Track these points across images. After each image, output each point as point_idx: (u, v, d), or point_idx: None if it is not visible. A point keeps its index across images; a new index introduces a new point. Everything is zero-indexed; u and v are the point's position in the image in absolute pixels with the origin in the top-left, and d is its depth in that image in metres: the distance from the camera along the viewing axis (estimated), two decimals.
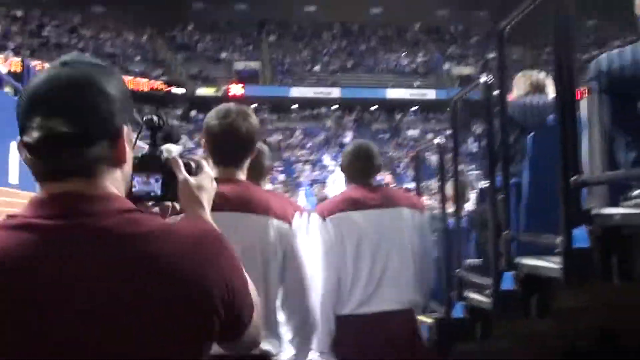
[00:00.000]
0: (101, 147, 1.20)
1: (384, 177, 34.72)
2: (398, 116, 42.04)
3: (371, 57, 44.33)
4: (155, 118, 1.55)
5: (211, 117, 2.59)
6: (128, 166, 1.30)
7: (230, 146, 2.56)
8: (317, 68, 42.92)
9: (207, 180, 1.52)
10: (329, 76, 42.23)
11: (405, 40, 45.85)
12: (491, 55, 31.73)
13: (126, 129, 1.26)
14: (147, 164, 1.48)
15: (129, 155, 1.29)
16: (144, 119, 1.55)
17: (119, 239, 1.17)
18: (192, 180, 1.49)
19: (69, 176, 1.20)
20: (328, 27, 45.20)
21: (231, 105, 2.64)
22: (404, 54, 44.40)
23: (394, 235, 3.45)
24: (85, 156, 1.19)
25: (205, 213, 1.47)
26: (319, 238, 3.27)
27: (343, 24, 45.39)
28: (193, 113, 38.55)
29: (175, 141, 1.94)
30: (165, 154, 1.52)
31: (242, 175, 2.59)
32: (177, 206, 1.50)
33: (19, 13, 37.76)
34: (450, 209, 3.75)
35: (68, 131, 1.15)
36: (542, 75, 3.63)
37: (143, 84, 37.78)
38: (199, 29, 43.91)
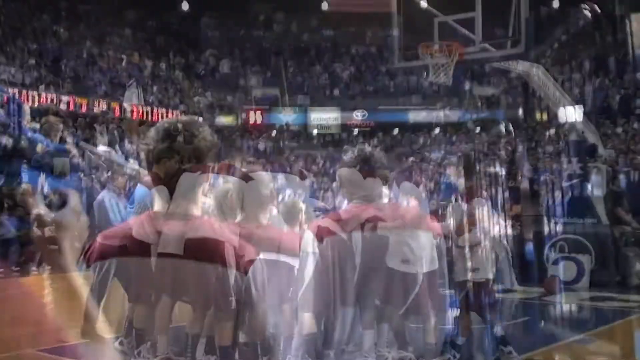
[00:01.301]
0: None
1: (410, 201, 33.97)
2: (421, 139, 41.19)
3: (391, 80, 43.59)
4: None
5: (150, 139, 2.21)
6: None
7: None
8: (336, 92, 42.25)
9: (69, 217, 1.38)
10: (349, 101, 41.56)
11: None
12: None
13: None
14: None
15: None
16: None
17: None
18: (48, 216, 1.34)
19: None
20: (346, 50, 44.60)
21: (172, 122, 2.22)
22: (425, 75, 43.64)
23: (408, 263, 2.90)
24: None
25: (64, 258, 1.33)
26: (311, 264, 2.80)
27: (361, 47, 44.78)
28: None
29: (60, 173, 1.20)
30: (22, 187, 1.12)
31: (194, 210, 2.21)
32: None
33: (35, 46, 37.38)
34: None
35: None
36: None
37: (161, 115, 37.47)
38: (216, 57, 43.54)
